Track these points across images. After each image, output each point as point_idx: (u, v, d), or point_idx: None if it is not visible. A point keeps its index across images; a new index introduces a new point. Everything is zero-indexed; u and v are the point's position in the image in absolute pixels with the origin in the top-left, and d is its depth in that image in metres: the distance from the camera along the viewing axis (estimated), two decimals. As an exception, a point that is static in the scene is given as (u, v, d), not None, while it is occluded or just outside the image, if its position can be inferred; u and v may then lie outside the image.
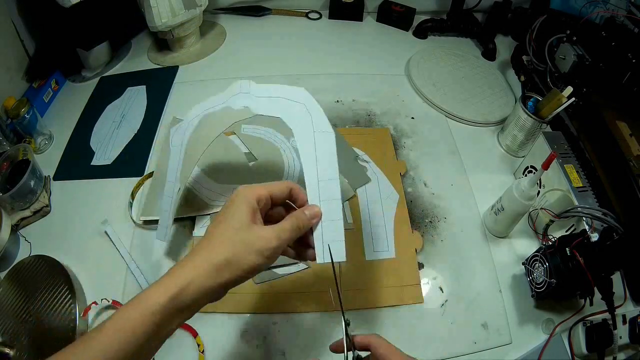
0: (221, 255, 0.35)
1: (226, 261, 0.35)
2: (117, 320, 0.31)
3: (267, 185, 0.40)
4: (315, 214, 0.40)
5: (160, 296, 0.32)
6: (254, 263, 0.35)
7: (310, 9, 1.06)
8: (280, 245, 0.37)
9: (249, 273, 0.36)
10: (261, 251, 0.35)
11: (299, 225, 0.39)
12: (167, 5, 0.82)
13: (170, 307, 0.32)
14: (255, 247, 0.35)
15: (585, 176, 0.61)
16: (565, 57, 0.76)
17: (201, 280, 0.34)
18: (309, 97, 0.46)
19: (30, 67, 0.85)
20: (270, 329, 0.55)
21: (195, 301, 0.34)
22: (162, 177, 0.68)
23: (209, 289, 0.34)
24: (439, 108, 0.84)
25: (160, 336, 0.33)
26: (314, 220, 0.40)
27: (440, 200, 0.69)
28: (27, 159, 0.67)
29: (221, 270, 0.34)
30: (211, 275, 0.34)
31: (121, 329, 0.31)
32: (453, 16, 1.00)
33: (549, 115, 0.68)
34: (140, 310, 0.32)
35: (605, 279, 0.50)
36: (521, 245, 0.64)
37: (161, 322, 0.32)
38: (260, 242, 0.36)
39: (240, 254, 0.35)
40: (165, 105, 0.82)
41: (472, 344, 0.55)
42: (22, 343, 0.52)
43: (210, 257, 0.35)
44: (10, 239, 0.60)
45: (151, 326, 0.31)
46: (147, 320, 0.31)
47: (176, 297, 0.32)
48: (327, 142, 0.43)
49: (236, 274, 0.35)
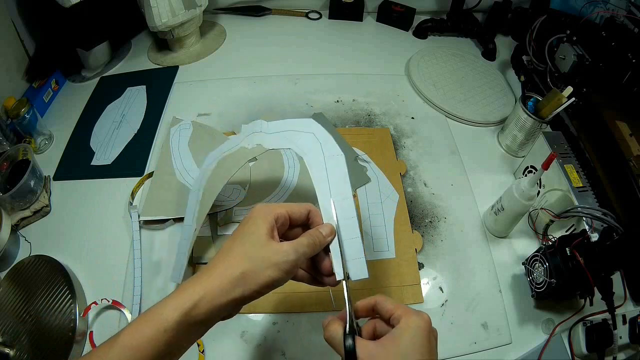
0: (237, 270, 0.34)
1: (242, 275, 0.34)
2: (128, 337, 0.31)
3: (286, 205, 0.39)
4: (331, 232, 0.40)
5: (173, 312, 0.31)
6: (270, 277, 0.34)
7: (310, 9, 1.06)
8: (298, 259, 0.36)
9: (266, 288, 0.35)
10: (278, 265, 0.35)
11: (315, 242, 0.38)
12: (167, 5, 0.82)
13: (183, 324, 0.31)
14: (272, 261, 0.35)
15: (585, 176, 0.61)
16: (565, 57, 0.76)
17: (215, 295, 0.33)
18: (318, 126, 0.48)
19: (30, 67, 0.85)
20: (270, 329, 0.55)
21: (208, 317, 0.33)
22: (163, 177, 0.68)
23: (223, 304, 0.33)
24: (439, 108, 0.84)
25: (172, 353, 0.32)
26: (329, 238, 0.40)
27: (440, 200, 0.69)
28: (27, 159, 0.67)
29: (236, 285, 0.33)
30: (226, 290, 0.33)
31: (132, 347, 0.30)
32: (453, 16, 1.00)
33: (549, 115, 0.68)
34: (152, 327, 0.31)
35: (605, 279, 0.50)
36: (521, 245, 0.64)
37: (173, 340, 0.31)
38: (277, 256, 0.35)
39: (257, 268, 0.34)
40: (165, 105, 0.83)
41: (472, 344, 0.55)
42: (22, 343, 0.52)
43: (225, 272, 0.34)
44: (10, 239, 0.60)
45: (163, 344, 0.31)
46: (160, 337, 0.30)
47: (189, 314, 0.32)
48: (339, 165, 0.45)
49: (252, 288, 0.34)
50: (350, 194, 0.42)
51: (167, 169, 0.69)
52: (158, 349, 0.30)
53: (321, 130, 0.48)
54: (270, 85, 0.87)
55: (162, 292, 0.58)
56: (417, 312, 0.34)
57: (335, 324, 0.35)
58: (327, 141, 0.47)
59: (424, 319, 0.34)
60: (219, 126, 0.78)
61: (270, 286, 0.35)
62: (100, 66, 0.91)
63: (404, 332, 0.32)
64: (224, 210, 0.64)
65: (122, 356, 0.30)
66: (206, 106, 0.82)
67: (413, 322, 0.33)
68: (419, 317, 0.34)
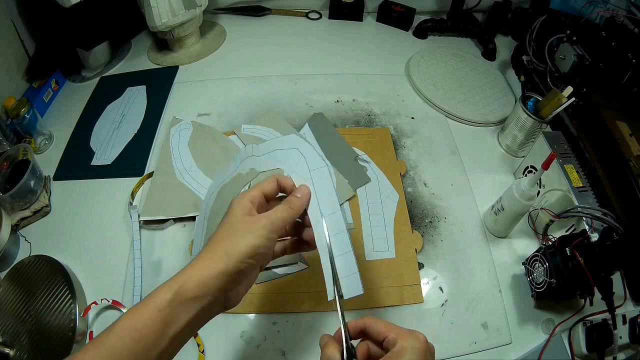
0: (220, 249, 0.36)
1: (224, 251, 0.35)
2: (126, 321, 0.32)
3: (257, 185, 0.41)
4: (305, 194, 0.41)
5: (166, 293, 0.33)
6: (250, 244, 0.36)
7: (310, 9, 1.06)
8: (274, 224, 0.37)
9: (248, 257, 0.36)
10: (255, 232, 0.36)
11: (291, 207, 0.40)
12: (167, 5, 0.82)
13: (175, 302, 0.33)
14: (248, 230, 0.36)
15: (585, 176, 0.61)
16: (565, 57, 0.76)
17: (201, 272, 0.34)
18: (299, 140, 0.47)
19: (30, 67, 0.85)
20: (270, 329, 0.55)
21: (198, 294, 0.34)
22: (163, 177, 0.68)
23: (210, 278, 0.34)
24: (439, 108, 0.84)
25: (168, 334, 0.32)
26: (304, 199, 0.41)
27: (440, 200, 0.69)
28: (27, 159, 0.67)
29: (220, 260, 0.35)
30: (210, 265, 0.35)
31: (130, 328, 0.31)
32: (453, 16, 1.00)
33: (549, 115, 0.68)
34: (147, 308, 0.32)
35: (605, 279, 0.50)
36: (521, 245, 0.64)
37: (167, 318, 0.32)
38: (253, 225, 0.37)
39: (236, 240, 0.36)
40: (165, 105, 0.83)
41: (472, 344, 0.55)
42: (22, 343, 0.52)
43: (209, 253, 0.36)
44: (10, 239, 0.60)
45: (158, 323, 0.32)
46: (154, 316, 0.32)
47: (179, 291, 0.33)
48: (323, 177, 0.43)
49: (235, 259, 0.35)
50: (337, 206, 0.42)
51: (167, 169, 0.69)
52: (155, 328, 0.31)
53: (304, 144, 0.47)
54: (270, 85, 0.87)
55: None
56: (411, 332, 0.34)
57: (331, 347, 0.35)
58: (310, 154, 0.46)
59: (420, 340, 0.33)
60: (219, 126, 0.78)
61: (252, 254, 0.36)
62: (100, 66, 0.91)
63: (400, 357, 0.32)
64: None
65: (122, 337, 0.31)
66: (206, 106, 0.82)
67: (409, 344, 0.33)
68: (414, 338, 0.33)
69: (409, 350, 0.32)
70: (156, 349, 0.32)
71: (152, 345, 0.31)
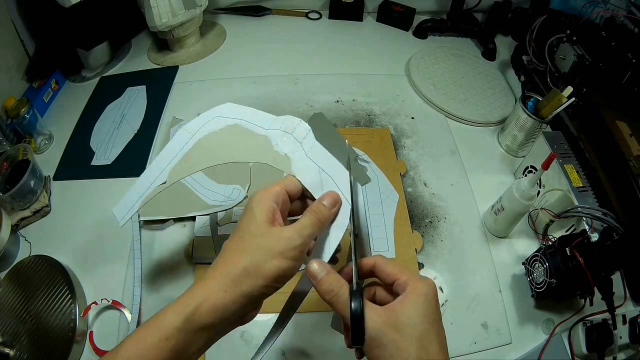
0: (239, 266, 0.31)
1: (244, 271, 0.31)
2: (131, 346, 0.29)
3: (281, 181, 0.37)
4: (335, 202, 0.35)
5: (175, 318, 0.29)
6: (278, 268, 0.31)
7: (310, 9, 1.06)
8: (304, 243, 0.33)
9: (275, 281, 0.32)
10: (284, 253, 0.32)
11: (319, 219, 0.34)
12: (167, 5, 0.82)
13: (186, 329, 0.29)
14: (275, 250, 0.32)
15: (585, 176, 0.61)
16: (565, 57, 0.76)
17: (217, 296, 0.30)
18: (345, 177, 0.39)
19: (30, 67, 0.85)
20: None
21: (212, 321, 0.30)
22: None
23: (228, 304, 0.30)
24: (439, 108, 0.84)
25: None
26: (334, 209, 0.35)
27: (440, 200, 0.69)
28: (27, 159, 0.67)
29: (240, 283, 0.31)
30: (228, 288, 0.30)
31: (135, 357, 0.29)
32: (453, 16, 1.00)
33: (549, 115, 0.68)
34: (154, 335, 0.29)
35: (605, 279, 0.50)
36: (521, 245, 0.64)
37: (178, 348, 0.29)
38: (281, 244, 0.32)
39: (260, 260, 0.31)
40: (165, 105, 0.82)
41: (472, 344, 0.55)
42: (22, 343, 0.52)
43: (226, 270, 0.31)
44: (10, 239, 0.60)
45: (167, 352, 0.29)
46: (163, 346, 0.29)
47: (191, 318, 0.30)
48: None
49: (258, 284, 0.31)
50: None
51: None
52: (162, 358, 0.29)
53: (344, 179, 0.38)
54: (270, 85, 0.87)
55: (162, 292, 0.58)
56: (423, 278, 0.32)
57: (334, 276, 0.32)
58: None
59: (431, 286, 0.32)
60: (219, 126, 0.77)
61: (280, 278, 0.32)
62: (100, 66, 0.91)
63: (412, 300, 0.30)
64: (224, 210, 0.64)
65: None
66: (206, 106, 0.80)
67: (421, 289, 0.31)
68: (426, 284, 0.32)
69: (421, 295, 0.31)
70: None
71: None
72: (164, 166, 0.47)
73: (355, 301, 0.29)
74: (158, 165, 0.47)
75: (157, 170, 0.47)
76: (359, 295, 0.30)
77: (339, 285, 0.31)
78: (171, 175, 0.47)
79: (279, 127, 0.42)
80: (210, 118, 0.46)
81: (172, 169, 0.47)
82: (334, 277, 0.32)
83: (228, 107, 0.46)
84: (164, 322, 0.29)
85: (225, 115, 0.46)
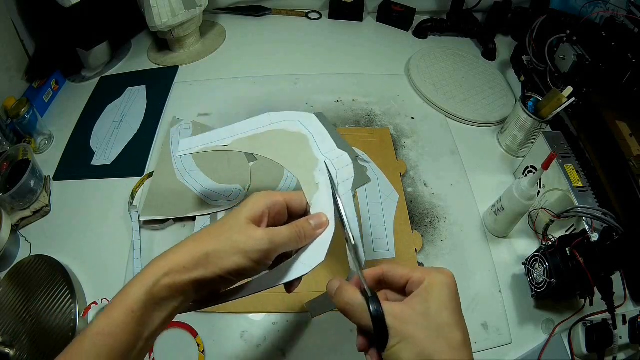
0: (203, 249, 0.32)
1: (206, 255, 0.32)
2: (101, 322, 0.30)
3: (286, 193, 0.37)
4: (321, 224, 0.36)
5: (139, 290, 0.30)
6: (235, 264, 0.32)
7: (310, 9, 1.06)
8: (271, 250, 0.33)
9: (230, 274, 0.32)
10: (247, 252, 0.32)
11: (299, 234, 0.35)
12: (167, 5, 0.82)
13: (149, 302, 0.30)
14: (240, 246, 0.32)
15: (585, 176, 0.61)
16: (565, 57, 0.76)
17: (176, 271, 0.31)
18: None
19: (30, 67, 0.85)
20: (270, 329, 0.55)
21: (169, 294, 0.31)
22: (163, 177, 0.68)
23: (184, 283, 0.31)
24: (439, 108, 0.84)
25: (144, 336, 0.30)
26: (318, 230, 0.36)
27: (440, 200, 0.69)
28: (27, 159, 0.67)
29: (198, 265, 0.31)
30: (187, 268, 0.31)
31: (104, 333, 0.29)
32: (453, 16, 1.00)
33: (549, 115, 0.68)
34: (122, 309, 0.30)
35: (605, 279, 0.50)
36: (521, 245, 0.64)
37: (143, 320, 0.30)
38: (249, 243, 0.32)
39: (223, 251, 0.32)
40: (165, 105, 0.83)
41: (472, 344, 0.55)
42: (22, 343, 0.52)
43: (192, 248, 0.32)
44: (10, 239, 0.60)
45: (134, 324, 0.30)
46: (129, 319, 0.29)
47: (152, 291, 0.30)
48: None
49: (213, 271, 0.32)
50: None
51: (167, 169, 0.69)
52: (130, 331, 0.29)
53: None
54: (270, 85, 0.87)
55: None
56: (440, 269, 0.32)
57: (349, 289, 0.32)
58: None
59: (448, 275, 0.31)
60: (218, 126, 0.77)
61: (236, 274, 0.32)
62: (100, 66, 0.91)
63: (431, 291, 0.30)
64: (224, 210, 0.64)
65: (95, 344, 0.29)
66: (206, 106, 0.82)
67: (438, 280, 0.30)
68: (442, 273, 0.31)
69: (439, 284, 0.30)
70: (133, 351, 0.30)
71: (128, 348, 0.29)
72: (235, 134, 0.52)
73: (374, 305, 0.30)
74: (231, 131, 0.52)
75: (228, 134, 0.52)
76: (376, 299, 0.30)
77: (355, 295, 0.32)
78: (234, 143, 0.51)
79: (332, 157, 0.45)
80: (293, 119, 0.50)
81: (238, 139, 0.51)
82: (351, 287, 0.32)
83: (311, 120, 0.50)
84: (129, 295, 0.30)
85: (304, 123, 0.50)
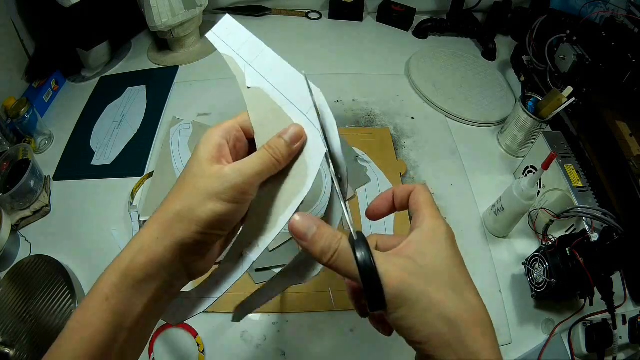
0: (172, 210, 0.27)
1: (177, 215, 0.27)
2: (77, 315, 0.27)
3: (238, 116, 0.32)
4: (296, 135, 0.29)
5: (112, 275, 0.27)
6: (212, 212, 0.27)
7: (310, 9, 1.06)
8: (245, 183, 0.28)
9: (210, 227, 0.27)
10: (218, 194, 0.27)
11: (274, 156, 0.29)
12: (167, 5, 0.82)
13: (124, 286, 0.26)
14: (211, 191, 0.27)
15: (585, 176, 0.61)
16: (565, 57, 0.76)
17: (150, 244, 0.27)
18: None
19: (30, 67, 0.85)
20: (270, 329, 0.55)
21: (151, 272, 0.27)
22: (163, 177, 0.68)
23: (160, 253, 0.27)
24: (439, 108, 0.84)
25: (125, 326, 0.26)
26: (295, 145, 0.29)
27: (440, 200, 0.69)
28: (27, 159, 0.67)
29: (171, 228, 0.27)
30: (161, 235, 0.27)
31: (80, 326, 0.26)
32: (453, 16, 1.00)
33: (549, 115, 0.68)
34: (96, 297, 0.26)
35: (605, 279, 0.50)
36: (521, 245, 0.64)
37: (119, 308, 0.26)
38: (218, 184, 0.27)
39: (194, 204, 0.27)
40: (165, 105, 0.83)
41: (472, 344, 0.55)
42: (22, 343, 0.52)
43: (160, 215, 0.28)
44: (10, 239, 0.60)
45: (108, 314, 0.26)
46: (103, 308, 0.26)
47: (126, 273, 0.27)
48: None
49: (191, 229, 0.27)
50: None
51: (167, 169, 0.69)
52: (107, 320, 0.26)
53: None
54: (270, 85, 0.87)
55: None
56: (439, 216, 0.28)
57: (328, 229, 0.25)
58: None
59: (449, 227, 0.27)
60: (219, 126, 0.77)
61: (216, 224, 0.28)
62: (100, 66, 0.91)
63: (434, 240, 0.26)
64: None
65: (71, 339, 0.26)
66: (206, 106, 0.82)
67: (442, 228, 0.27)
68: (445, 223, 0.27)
69: (443, 233, 0.26)
70: (114, 345, 0.26)
71: (108, 339, 0.26)
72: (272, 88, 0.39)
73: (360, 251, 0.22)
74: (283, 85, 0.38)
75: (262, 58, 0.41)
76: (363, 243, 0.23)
77: (337, 239, 0.25)
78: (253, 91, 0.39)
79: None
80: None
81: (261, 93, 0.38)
82: (328, 230, 0.25)
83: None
84: (103, 282, 0.27)
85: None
